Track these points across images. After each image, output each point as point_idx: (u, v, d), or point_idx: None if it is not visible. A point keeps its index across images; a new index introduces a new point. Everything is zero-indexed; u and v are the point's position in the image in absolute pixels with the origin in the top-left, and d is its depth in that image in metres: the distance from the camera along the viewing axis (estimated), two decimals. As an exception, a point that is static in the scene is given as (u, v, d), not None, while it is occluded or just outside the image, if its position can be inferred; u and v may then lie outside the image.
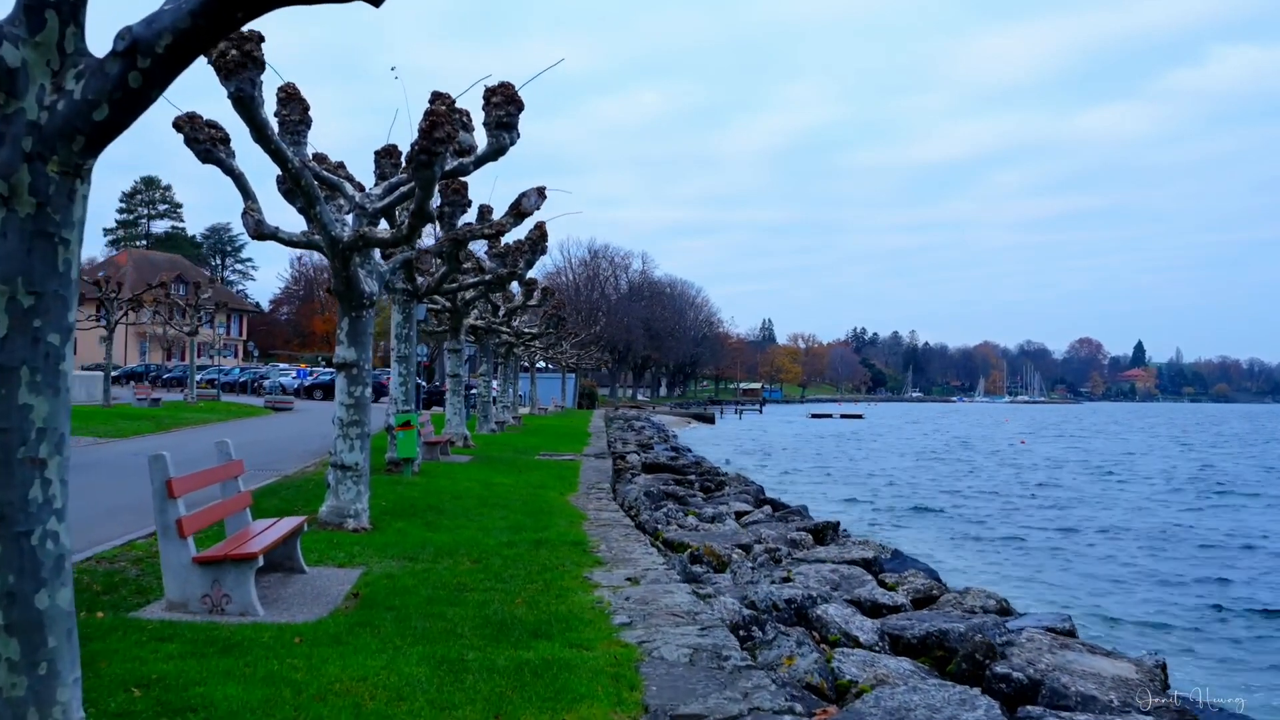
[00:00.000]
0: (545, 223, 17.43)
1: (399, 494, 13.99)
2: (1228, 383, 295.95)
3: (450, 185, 14.78)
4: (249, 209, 10.80)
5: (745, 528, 14.01)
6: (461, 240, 11.76)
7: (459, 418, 25.20)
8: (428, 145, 9.21)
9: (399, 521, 11.73)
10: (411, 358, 17.85)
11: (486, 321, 29.28)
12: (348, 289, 11.04)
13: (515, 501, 13.95)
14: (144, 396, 40.92)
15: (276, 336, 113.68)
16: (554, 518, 12.47)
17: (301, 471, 17.18)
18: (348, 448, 11.25)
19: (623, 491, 18.46)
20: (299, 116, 11.46)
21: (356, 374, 11.28)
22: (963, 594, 9.59)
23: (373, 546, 9.93)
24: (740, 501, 17.70)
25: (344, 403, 11.28)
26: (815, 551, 11.33)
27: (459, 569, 8.81)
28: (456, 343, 25.42)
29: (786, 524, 14.12)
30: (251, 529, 8.25)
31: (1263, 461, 46.83)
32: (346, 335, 11.24)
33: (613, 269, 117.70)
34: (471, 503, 13.52)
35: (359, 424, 11.29)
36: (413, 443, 16.93)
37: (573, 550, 10.05)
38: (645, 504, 16.54)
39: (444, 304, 24.75)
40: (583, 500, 15.05)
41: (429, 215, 9.84)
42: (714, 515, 14.92)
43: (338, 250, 10.58)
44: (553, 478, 18.20)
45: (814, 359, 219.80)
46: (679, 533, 12.51)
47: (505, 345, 35.90)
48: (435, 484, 15.58)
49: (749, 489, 20.16)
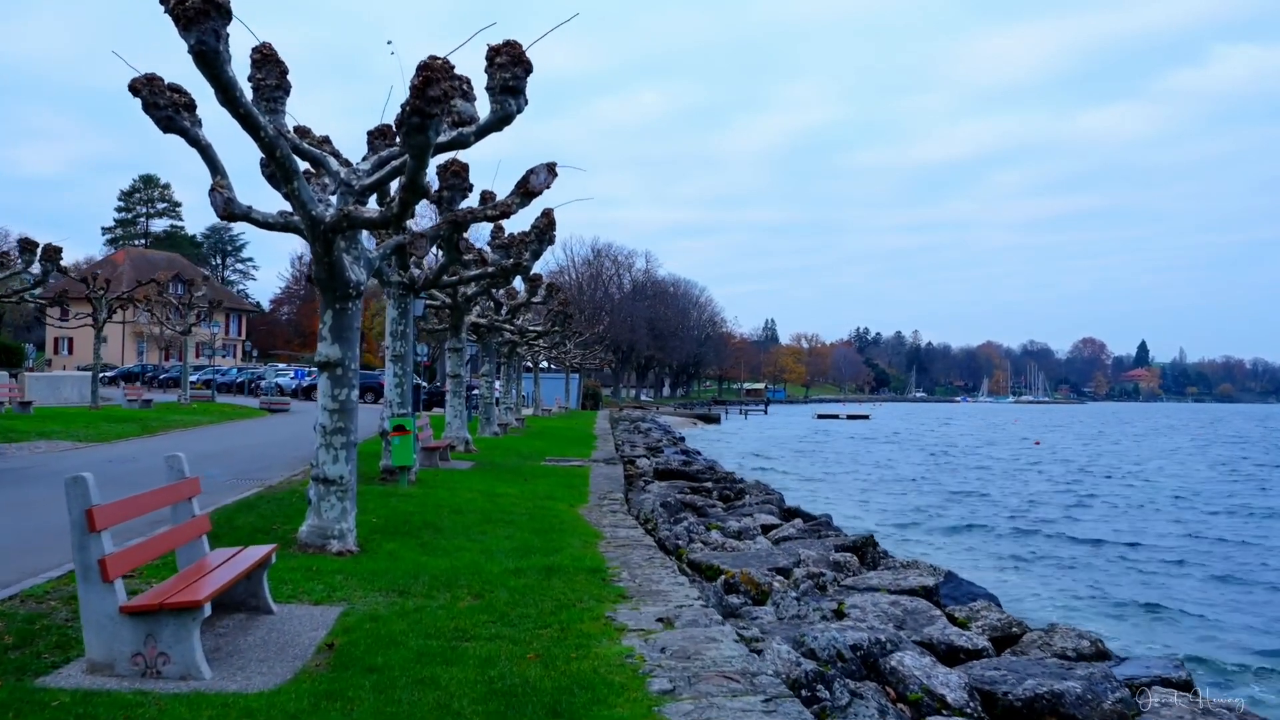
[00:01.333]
0: (553, 210, 16.03)
1: (392, 508, 12.57)
2: (1231, 383, 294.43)
3: (450, 167, 13.38)
4: (217, 185, 9.41)
5: (777, 544, 12.59)
6: (461, 223, 10.37)
7: (460, 420, 23.79)
8: (421, 105, 7.80)
9: (391, 542, 10.32)
10: (408, 356, 16.44)
11: (489, 319, 27.86)
12: (331, 277, 9.63)
13: (521, 516, 12.54)
14: (135, 398, 39.53)
15: (277, 336, 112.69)
16: (566, 536, 11.05)
17: (288, 481, 15.77)
18: (331, 459, 9.83)
19: (636, 501, 17.04)
20: (276, 81, 10.05)
21: (341, 374, 9.86)
22: (1048, 633, 8.17)
23: (358, 575, 8.51)
24: (765, 513, 16.29)
25: (327, 407, 9.87)
26: (865, 577, 9.91)
27: (457, 607, 7.39)
28: (457, 341, 24.01)
29: (821, 541, 12.71)
30: (208, 562, 6.84)
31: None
32: (330, 330, 9.83)
33: (616, 268, 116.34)
34: (473, 518, 12.10)
35: (344, 431, 9.87)
36: (409, 449, 15.52)
37: (590, 580, 8.63)
38: (662, 516, 15.12)
39: (444, 300, 23.34)
40: (595, 514, 13.63)
41: (422, 189, 8.44)
42: (740, 530, 13.52)
43: (319, 232, 9.17)
44: (561, 487, 16.79)
45: (817, 359, 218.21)
46: (706, 553, 11.11)
47: (508, 344, 34.48)
48: (433, 495, 14.17)
49: (770, 498, 18.75)
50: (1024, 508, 26.63)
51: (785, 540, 13.36)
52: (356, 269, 9.90)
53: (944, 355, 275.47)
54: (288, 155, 8.86)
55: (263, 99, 10.01)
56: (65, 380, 42.62)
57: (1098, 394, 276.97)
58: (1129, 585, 15.86)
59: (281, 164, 8.86)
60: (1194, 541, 20.42)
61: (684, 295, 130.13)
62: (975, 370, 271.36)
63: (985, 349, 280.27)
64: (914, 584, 9.54)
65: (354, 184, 9.90)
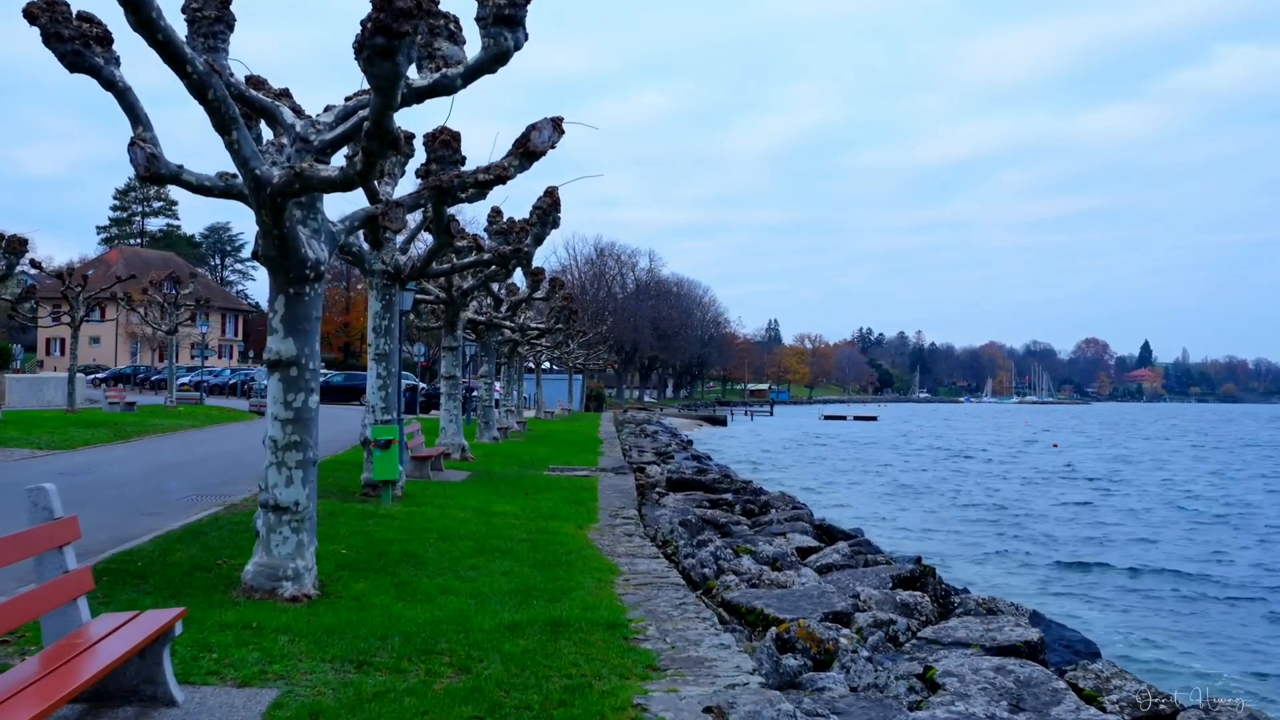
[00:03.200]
0: (557, 188, 14.12)
1: (369, 533, 10.64)
2: (1234, 383, 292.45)
3: (439, 136, 11.47)
4: (138, 139, 7.52)
5: (823, 574, 10.66)
6: (447, 190, 8.46)
7: (455, 425, 21.87)
8: (386, 20, 5.88)
9: (360, 581, 8.39)
10: (394, 355, 14.52)
11: (487, 316, 25.94)
12: (282, 254, 7.71)
13: (522, 543, 10.60)
14: (117, 400, 37.63)
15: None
16: (575, 572, 9.12)
17: (255, 497, 13.81)
18: (284, 480, 7.90)
19: (652, 518, 15.10)
20: (215, 13, 8.15)
21: (297, 375, 7.93)
22: (1209, 712, 6.25)
23: (310, 635, 6.59)
24: (797, 532, 14.36)
25: (278, 416, 7.94)
26: (947, 627, 7.99)
27: (432, 691, 5.46)
28: (453, 339, 22.10)
29: (873, 571, 10.79)
30: (85, 635, 4.93)
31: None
32: (282, 320, 7.90)
33: (619, 267, 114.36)
34: (464, 546, 10.16)
35: (300, 447, 7.95)
36: (393, 463, 13.60)
37: (609, 640, 6.71)
38: (683, 537, 13.18)
39: (437, 294, 21.43)
40: (607, 538, 11.69)
41: (390, 135, 6.53)
42: (775, 556, 11.61)
43: (265, 196, 7.25)
44: (566, 502, 14.86)
45: (821, 359, 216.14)
46: (743, 590, 9.18)
47: (509, 343, 32.56)
48: (420, 515, 12.24)
49: (800, 513, 16.81)
50: (1066, 517, 24.68)
51: (830, 569, 11.42)
52: (315, 245, 7.97)
53: (947, 355, 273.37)
54: (223, 98, 6.95)
55: (199, 34, 8.11)
56: (48, 382, 40.69)
57: (1101, 394, 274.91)
58: (1217, 617, 13.93)
59: (215, 109, 6.94)
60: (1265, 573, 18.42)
61: (687, 295, 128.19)
62: (978, 370, 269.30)
63: (988, 349, 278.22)
64: (1012, 638, 7.60)
65: (312, 139, 7.97)
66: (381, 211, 8.20)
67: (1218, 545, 20.72)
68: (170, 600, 7.41)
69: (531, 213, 13.99)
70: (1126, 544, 20.77)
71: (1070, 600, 14.81)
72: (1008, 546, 19.93)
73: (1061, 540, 20.90)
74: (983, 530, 22.46)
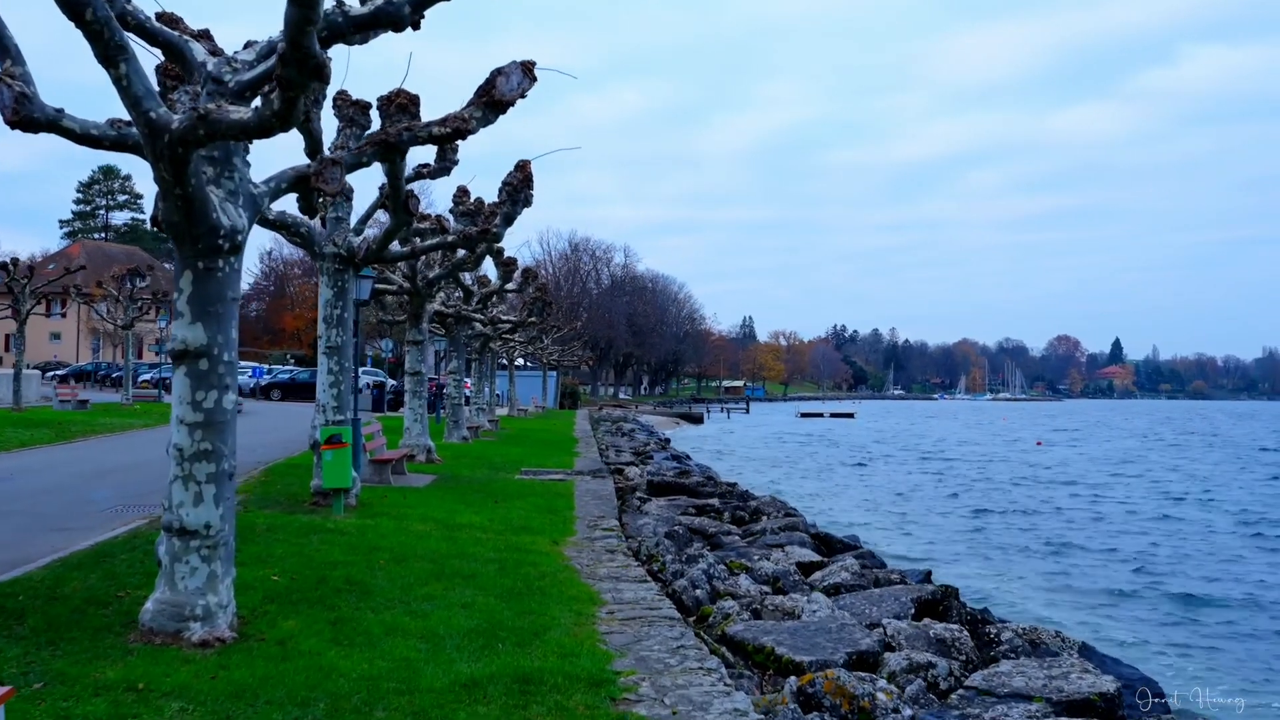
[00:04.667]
0: (529, 162, 12.69)
1: (310, 553, 9.17)
2: (1204, 379, 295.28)
3: (395, 99, 10.08)
4: (5, 75, 6.03)
5: (833, 596, 9.30)
6: (395, 144, 7.02)
7: (420, 425, 20.36)
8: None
9: (291, 617, 6.95)
10: (346, 348, 13.03)
11: (456, 308, 24.42)
12: (188, 219, 6.24)
13: (488, 563, 9.18)
14: (68, 398, 35.70)
15: (245, 334, 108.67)
16: (549, 603, 7.70)
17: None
18: (191, 498, 6.44)
19: (634, 528, 13.73)
20: (110, -75, 6.64)
21: (208, 370, 6.47)
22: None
23: (211, 702, 5.14)
24: (797, 544, 13.03)
25: (185, 419, 6.47)
26: (1000, 674, 6.62)
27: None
28: (418, 332, 20.60)
29: (889, 592, 9.47)
30: None
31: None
32: (189, 302, 6.43)
33: (594, 263, 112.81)
34: (420, 569, 8.72)
35: (212, 456, 6.48)
36: (345, 468, 12.12)
37: (593, 703, 5.31)
38: (669, 551, 11.82)
39: (400, 284, 19.92)
40: (586, 555, 10.29)
41: (312, 58, 5.10)
42: (776, 575, 10.26)
43: (163, 145, 5.78)
44: (540, 511, 13.44)
45: (795, 357, 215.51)
46: (747, 623, 7.81)
47: (480, 338, 31.03)
48: (373, 530, 10.77)
49: (794, 520, 15.46)
50: (1065, 527, 23.53)
51: (839, 590, 10.07)
52: (231, 209, 6.50)
53: (921, 353, 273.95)
54: (106, 20, 5.50)
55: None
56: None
57: (1073, 391, 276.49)
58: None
59: (96, 34, 5.49)
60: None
61: (663, 291, 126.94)
62: (952, 368, 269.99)
63: (962, 346, 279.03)
64: (1083, 689, 6.26)
65: (227, 79, 6.50)
66: (315, 170, 6.75)
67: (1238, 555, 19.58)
68: (46, 648, 5.96)
69: (501, 190, 12.55)
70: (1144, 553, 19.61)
71: (1091, 614, 13.55)
72: (1009, 554, 18.70)
73: (1072, 547, 19.70)
74: (979, 535, 21.24)
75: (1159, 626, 12.99)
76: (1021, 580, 15.89)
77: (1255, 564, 18.19)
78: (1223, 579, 16.59)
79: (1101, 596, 14.79)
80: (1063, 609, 13.71)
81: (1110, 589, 15.35)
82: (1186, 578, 16.56)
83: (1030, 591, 14.97)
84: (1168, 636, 12.59)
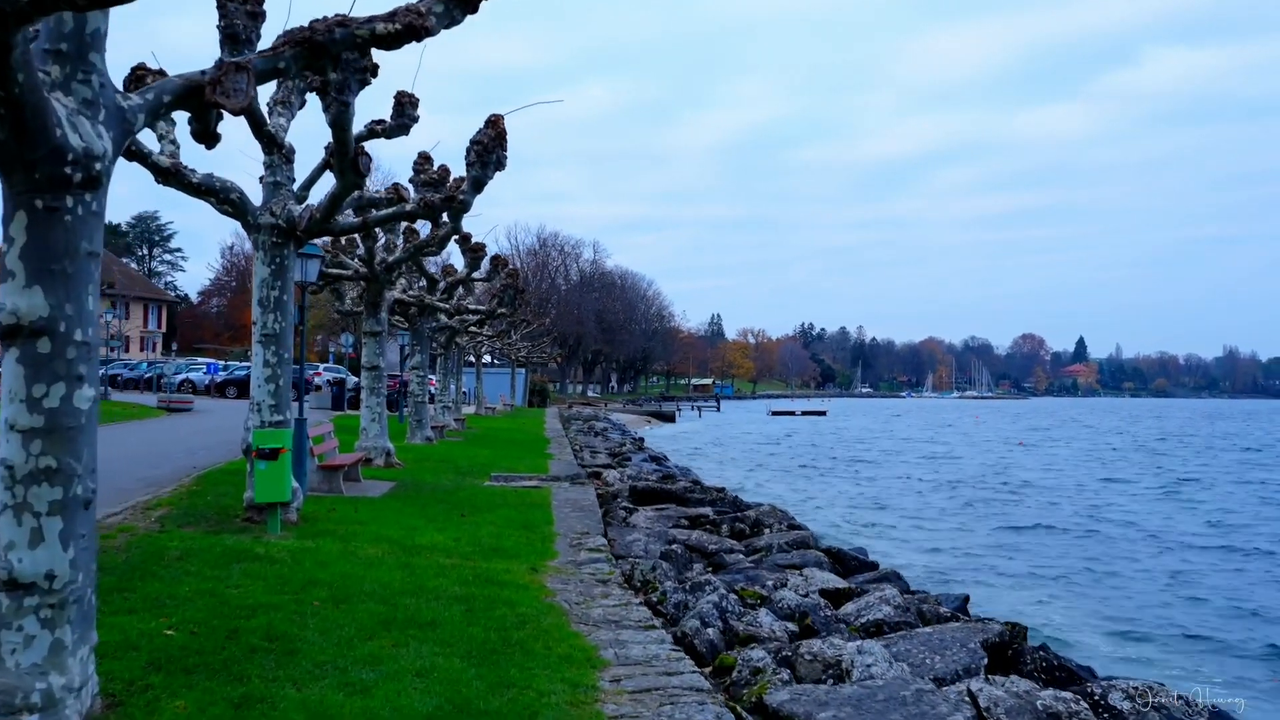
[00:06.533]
0: (502, 117, 10.81)
1: (225, 592, 7.22)
2: (1166, 378, 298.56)
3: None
4: None
5: (882, 641, 7.51)
6: (322, 45, 5.10)
7: (378, 425, 18.37)
8: None
9: (181, 696, 5.03)
10: (285, 336, 11.04)
11: (419, 297, 22.42)
12: (16, 133, 4.30)
13: (452, 603, 7.28)
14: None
15: (205, 329, 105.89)
16: (532, 666, 5.83)
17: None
18: (26, 537, 4.50)
19: (623, 545, 11.88)
20: None
21: (50, 354, 4.53)
22: None
23: None
24: (813, 565, 11.23)
25: (16, 424, 4.53)
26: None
27: None
28: (376, 322, 18.60)
29: (948, 632, 7.73)
30: None
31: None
32: (21, 255, 4.49)
33: (563, 258, 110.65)
34: (365, 614, 6.81)
35: (59, 477, 4.55)
36: (282, 479, 10.17)
37: None
38: (669, 576, 10.00)
39: (356, 268, 17.91)
40: (574, 587, 8.42)
41: None
42: (802, 609, 8.47)
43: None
44: (514, 527, 11.55)
45: (764, 354, 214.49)
46: (790, 689, 5.98)
47: (445, 331, 29.00)
48: (314, 555, 8.83)
49: (802, 534, 13.63)
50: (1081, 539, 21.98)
51: (881, 628, 8.28)
52: (85, 125, 4.56)
53: (888, 351, 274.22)
54: None
55: None
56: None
57: (1038, 390, 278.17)
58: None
59: None
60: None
61: (632, 288, 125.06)
62: (919, 365, 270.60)
63: (928, 344, 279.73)
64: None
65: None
66: (211, 78, 4.83)
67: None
68: None
69: (469, 150, 10.65)
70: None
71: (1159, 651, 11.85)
72: (1022, 565, 17.05)
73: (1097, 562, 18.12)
74: (992, 546, 19.60)
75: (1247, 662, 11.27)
76: (1057, 602, 14.21)
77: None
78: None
79: (1149, 623, 13.12)
80: (1121, 642, 12.02)
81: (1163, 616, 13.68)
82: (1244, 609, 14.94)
83: (1073, 618, 13.23)
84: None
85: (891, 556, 16.44)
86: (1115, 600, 14.49)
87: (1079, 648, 10.93)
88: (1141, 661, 10.82)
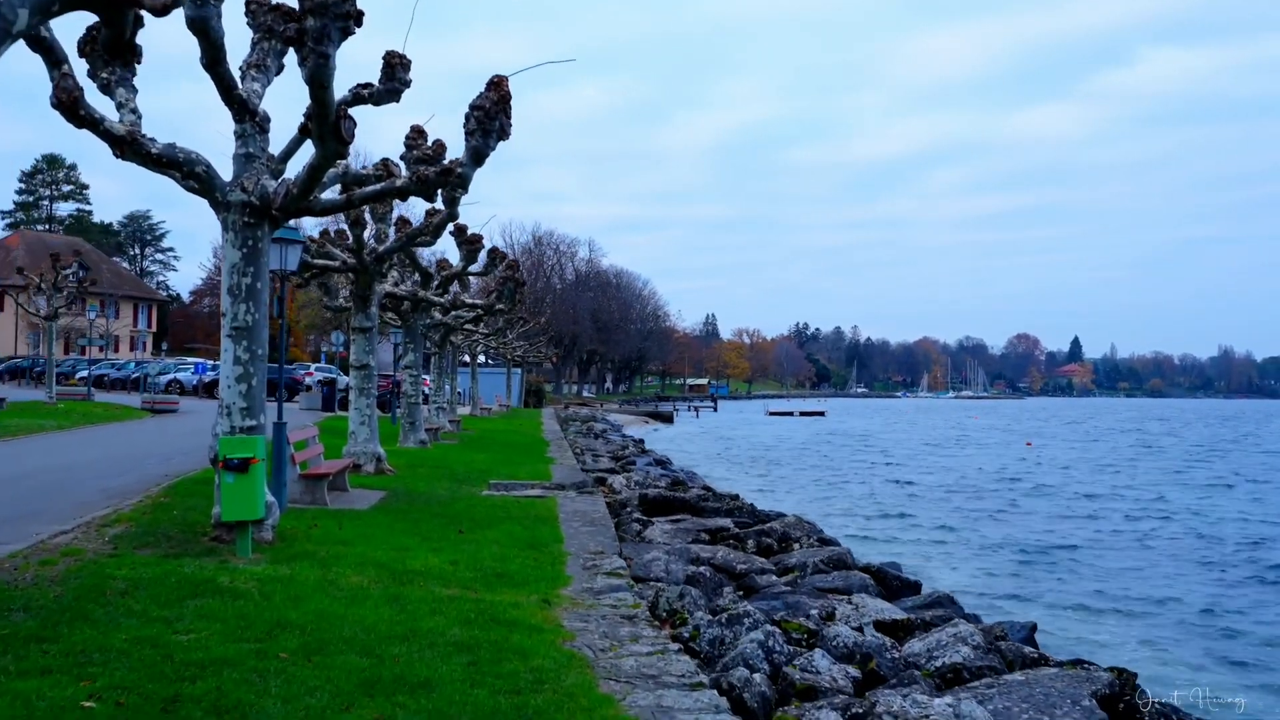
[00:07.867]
0: (506, 79, 9.48)
1: (170, 641, 5.86)
2: (1161, 378, 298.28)
3: None
4: None
5: (973, 694, 6.23)
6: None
7: (368, 428, 17.02)
8: None
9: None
10: (259, 329, 9.68)
11: (413, 291, 21.05)
12: None
13: (451, 653, 5.94)
14: (-21, 396, 31.78)
15: (196, 329, 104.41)
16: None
17: (40, 545, 8.86)
18: None
19: (640, 564, 10.53)
20: None
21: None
22: None
23: None
24: (860, 589, 9.95)
25: None
26: None
27: None
28: (366, 317, 17.23)
29: (1049, 683, 6.44)
30: None
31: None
32: None
33: (558, 257, 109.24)
34: (343, 670, 5.47)
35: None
36: (254, 494, 8.80)
37: None
38: (698, 604, 8.68)
39: (344, 258, 16.55)
40: (594, 625, 7.08)
41: None
42: (865, 651, 7.18)
43: None
44: (519, 546, 10.21)
45: (759, 354, 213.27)
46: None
47: (439, 328, 27.64)
48: (287, 586, 7.48)
49: (837, 551, 12.29)
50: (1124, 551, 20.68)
51: (961, 675, 6.98)
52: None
53: (883, 351, 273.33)
54: None
55: None
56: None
57: (1033, 389, 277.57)
58: None
59: None
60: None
61: (627, 287, 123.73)
62: (914, 366, 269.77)
63: (923, 344, 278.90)
64: None
65: None
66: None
67: None
68: None
69: (469, 117, 9.31)
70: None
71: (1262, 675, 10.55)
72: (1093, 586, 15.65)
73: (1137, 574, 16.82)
74: (1029, 558, 18.28)
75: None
76: (1128, 628, 12.81)
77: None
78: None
79: (1243, 651, 11.78)
80: (1222, 672, 10.68)
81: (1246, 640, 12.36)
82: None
83: (1162, 651, 11.80)
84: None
85: (930, 575, 15.05)
86: (1194, 622, 13.10)
87: (1183, 686, 9.54)
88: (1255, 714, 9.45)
